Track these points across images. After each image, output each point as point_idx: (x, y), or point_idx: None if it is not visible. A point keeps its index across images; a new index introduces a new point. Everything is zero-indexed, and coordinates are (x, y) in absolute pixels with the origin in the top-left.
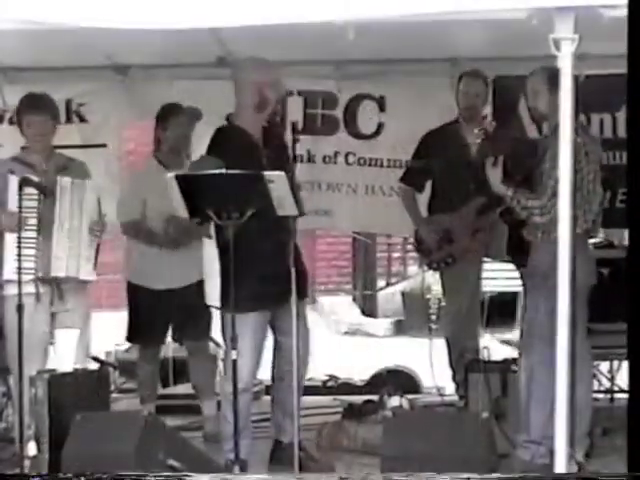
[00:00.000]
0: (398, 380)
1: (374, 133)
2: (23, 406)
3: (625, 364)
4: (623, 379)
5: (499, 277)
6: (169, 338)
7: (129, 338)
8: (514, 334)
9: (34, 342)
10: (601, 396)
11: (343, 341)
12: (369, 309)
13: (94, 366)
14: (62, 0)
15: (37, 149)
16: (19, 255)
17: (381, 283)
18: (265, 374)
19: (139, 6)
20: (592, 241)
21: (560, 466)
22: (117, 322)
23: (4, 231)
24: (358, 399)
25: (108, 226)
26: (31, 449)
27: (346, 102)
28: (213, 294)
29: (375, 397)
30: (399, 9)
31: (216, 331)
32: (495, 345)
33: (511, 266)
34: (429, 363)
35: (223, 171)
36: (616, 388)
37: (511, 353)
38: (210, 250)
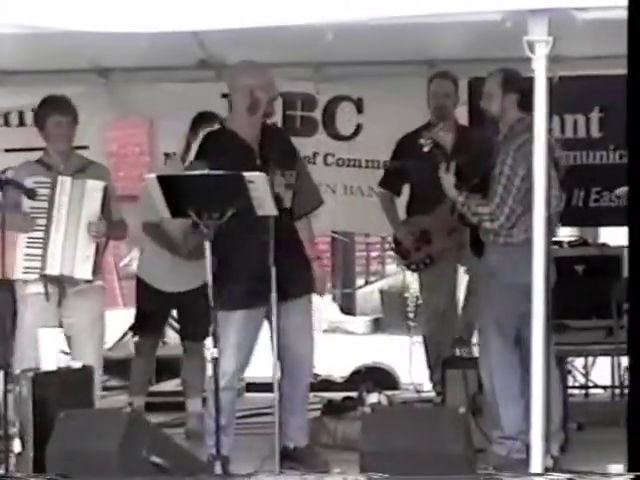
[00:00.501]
0: (377, 377)
1: (352, 134)
2: (8, 404)
3: (599, 360)
4: (598, 375)
5: None
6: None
7: (134, 329)
8: None
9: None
10: (576, 392)
11: (322, 339)
12: (348, 307)
13: (78, 364)
14: (46, 4)
15: (60, 149)
16: (2, 256)
17: (360, 281)
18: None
19: (121, 10)
20: (567, 239)
21: (536, 461)
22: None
23: (17, 232)
24: (337, 396)
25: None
26: (16, 446)
27: (325, 104)
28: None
29: (354, 394)
30: (376, 12)
31: None
32: None
33: None
34: (407, 360)
35: (205, 172)
36: (591, 384)
37: None
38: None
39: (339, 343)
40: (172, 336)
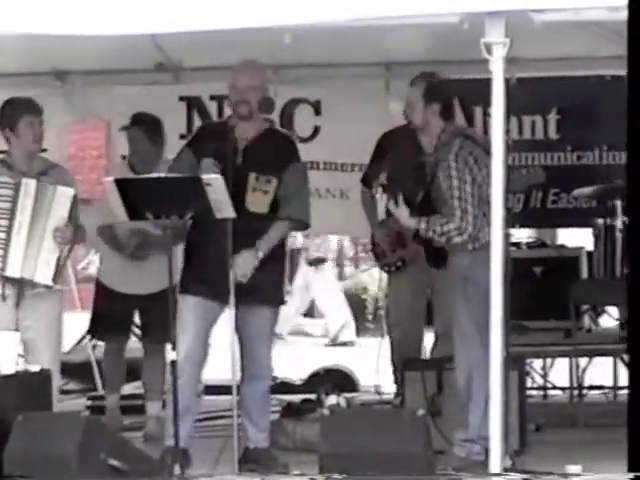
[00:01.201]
0: (336, 379)
1: (310, 136)
2: None
3: (558, 361)
4: (556, 376)
5: None
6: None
7: (95, 333)
8: None
9: None
10: (534, 393)
11: (281, 341)
12: (306, 310)
13: (35, 368)
14: (1, 7)
15: (31, 150)
16: None
17: None
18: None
19: (79, 13)
20: (525, 241)
21: (494, 461)
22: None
23: None
24: (296, 398)
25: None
26: None
27: (282, 106)
28: None
29: (313, 396)
30: (335, 15)
31: None
32: None
33: None
34: (365, 362)
35: (161, 175)
36: (549, 385)
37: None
38: None
39: (298, 345)
40: (132, 338)
